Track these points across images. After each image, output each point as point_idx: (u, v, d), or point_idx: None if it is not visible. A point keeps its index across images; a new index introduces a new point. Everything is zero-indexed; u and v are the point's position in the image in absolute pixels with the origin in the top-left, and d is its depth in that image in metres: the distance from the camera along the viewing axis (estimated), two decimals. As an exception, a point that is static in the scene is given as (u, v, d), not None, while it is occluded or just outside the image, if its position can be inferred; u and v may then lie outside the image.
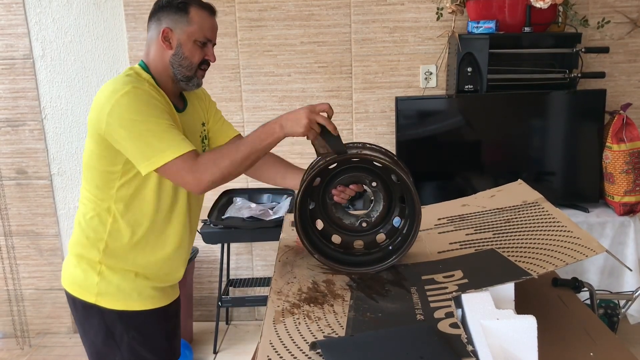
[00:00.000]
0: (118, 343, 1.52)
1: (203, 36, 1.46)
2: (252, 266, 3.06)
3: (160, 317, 1.58)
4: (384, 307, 1.24)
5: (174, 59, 1.46)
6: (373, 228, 1.49)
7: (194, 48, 1.46)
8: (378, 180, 1.46)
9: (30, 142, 2.92)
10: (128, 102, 1.34)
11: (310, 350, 1.08)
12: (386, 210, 1.49)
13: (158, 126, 1.35)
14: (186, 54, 1.46)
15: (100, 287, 1.48)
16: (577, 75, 2.56)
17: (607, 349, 1.16)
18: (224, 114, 2.83)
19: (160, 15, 1.46)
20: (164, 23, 1.45)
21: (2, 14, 2.79)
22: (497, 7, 2.52)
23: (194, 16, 1.45)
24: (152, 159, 1.34)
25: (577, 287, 1.47)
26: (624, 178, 2.53)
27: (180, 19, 1.44)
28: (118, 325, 1.51)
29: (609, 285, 2.54)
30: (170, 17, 1.45)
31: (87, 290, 1.49)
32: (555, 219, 1.45)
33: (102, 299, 1.49)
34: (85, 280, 1.50)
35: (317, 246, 1.45)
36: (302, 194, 1.37)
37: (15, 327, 3.10)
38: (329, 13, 2.75)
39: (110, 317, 1.50)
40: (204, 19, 1.46)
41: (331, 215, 1.48)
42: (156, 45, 1.47)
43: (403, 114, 2.64)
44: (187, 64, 1.47)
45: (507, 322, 1.06)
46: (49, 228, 3.01)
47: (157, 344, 1.57)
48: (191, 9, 1.45)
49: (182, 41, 1.45)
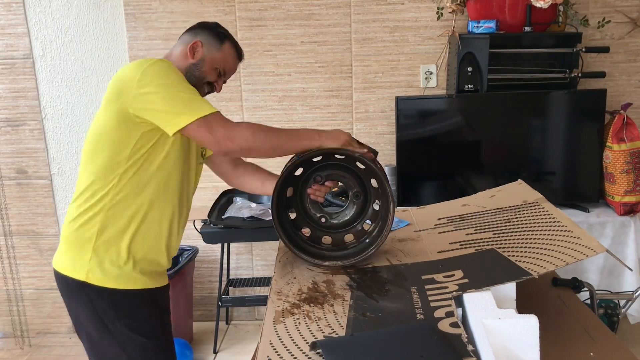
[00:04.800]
0: (112, 332, 1.52)
1: (222, 67, 1.59)
2: (252, 266, 3.06)
3: (148, 299, 1.58)
4: (384, 306, 1.24)
5: (192, 67, 1.56)
6: (343, 227, 1.51)
7: (211, 71, 1.58)
8: (357, 181, 1.47)
9: (30, 141, 2.92)
10: (159, 68, 1.42)
11: (310, 350, 1.08)
12: (359, 212, 1.50)
13: (187, 90, 1.42)
14: (204, 69, 1.56)
15: (92, 263, 1.49)
16: (578, 75, 2.56)
17: (607, 349, 1.16)
18: (224, 113, 2.84)
19: (199, 31, 1.58)
20: (199, 37, 1.57)
21: (2, 14, 2.79)
22: (498, 6, 2.52)
23: (225, 48, 1.59)
24: (182, 116, 1.38)
25: (577, 287, 1.47)
26: (624, 178, 2.53)
27: (214, 43, 1.57)
28: (110, 313, 1.51)
29: (609, 285, 2.54)
30: (207, 38, 1.57)
31: (79, 267, 1.50)
32: (556, 219, 1.45)
33: (92, 276, 1.49)
34: (76, 258, 1.50)
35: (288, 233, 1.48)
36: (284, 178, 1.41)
37: (14, 327, 3.10)
38: (329, 12, 2.75)
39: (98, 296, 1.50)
40: (232, 56, 1.61)
41: (305, 207, 1.51)
42: (182, 50, 1.57)
43: (403, 113, 2.64)
44: (200, 76, 1.56)
45: (508, 322, 1.06)
46: (49, 228, 3.01)
47: (149, 327, 1.58)
48: (226, 42, 1.59)
49: (206, 60, 1.56)
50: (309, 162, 1.46)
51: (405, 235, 1.63)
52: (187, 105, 1.39)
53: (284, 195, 1.49)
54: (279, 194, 1.44)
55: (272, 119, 2.85)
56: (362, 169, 1.45)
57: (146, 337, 1.56)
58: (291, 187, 1.50)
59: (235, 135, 1.40)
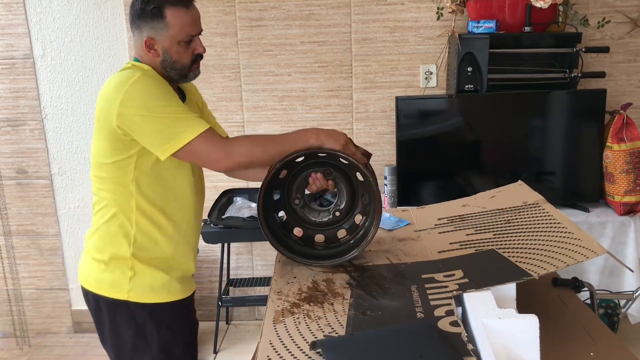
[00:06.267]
0: (149, 342, 1.53)
1: (186, 35, 1.44)
2: (252, 266, 3.06)
3: (185, 310, 1.62)
4: (384, 305, 1.24)
5: (164, 64, 1.46)
6: (335, 223, 1.51)
7: (180, 49, 1.44)
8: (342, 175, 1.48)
9: (30, 141, 2.92)
10: (140, 88, 1.35)
11: (310, 349, 1.08)
12: (349, 206, 1.50)
13: (173, 109, 1.36)
14: (175, 58, 1.45)
15: (133, 282, 1.49)
16: (578, 75, 2.56)
17: (607, 349, 1.16)
18: (224, 113, 2.86)
19: (139, 24, 1.44)
20: (145, 32, 1.43)
21: (3, 14, 2.79)
22: (498, 6, 2.52)
23: (171, 19, 1.41)
24: (172, 141, 1.35)
25: (577, 287, 1.47)
26: (624, 178, 2.53)
27: (158, 25, 1.42)
28: (149, 323, 1.52)
29: (609, 285, 2.54)
30: (148, 25, 1.42)
31: (120, 287, 1.49)
32: (556, 220, 1.45)
33: (134, 295, 1.49)
34: (117, 279, 1.49)
35: (277, 237, 1.47)
36: (267, 184, 1.40)
37: (14, 327, 3.10)
38: (329, 13, 2.75)
39: (141, 315, 1.51)
40: (182, 18, 1.42)
41: (294, 208, 1.50)
42: (145, 51, 1.46)
43: (403, 113, 2.64)
44: (179, 66, 1.46)
45: (509, 322, 1.06)
46: (49, 228, 3.01)
47: (186, 338, 1.61)
48: (166, 11, 1.41)
49: (167, 47, 1.43)
50: (291, 164, 1.45)
51: (405, 235, 1.63)
52: (175, 129, 1.34)
53: (271, 198, 1.49)
54: (264, 200, 1.43)
55: (272, 119, 2.85)
56: (345, 164, 1.45)
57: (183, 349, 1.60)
58: (278, 189, 1.49)
59: (231, 153, 1.37)
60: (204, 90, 2.83)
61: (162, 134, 1.35)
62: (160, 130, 1.35)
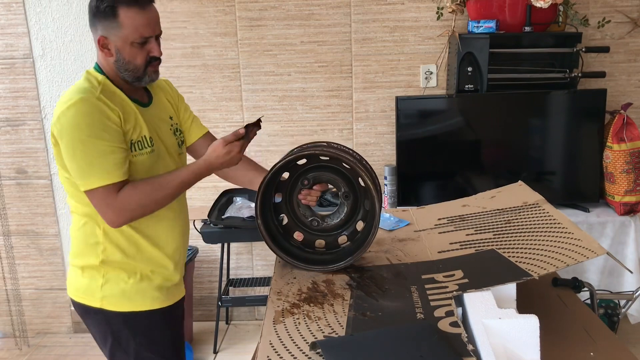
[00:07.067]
0: (125, 349, 1.51)
1: (139, 36, 1.39)
2: (252, 266, 3.06)
3: (165, 319, 1.57)
4: (384, 305, 1.23)
5: (118, 64, 1.42)
6: (336, 229, 1.49)
7: (134, 50, 1.40)
8: (345, 181, 1.46)
9: (30, 141, 2.92)
10: (72, 115, 1.33)
11: (310, 350, 1.08)
12: (351, 212, 1.48)
13: (93, 148, 1.34)
14: (127, 59, 1.41)
15: (105, 290, 1.48)
16: (578, 75, 2.55)
17: (607, 349, 1.16)
18: (224, 113, 2.86)
19: (94, 22, 1.40)
20: (99, 30, 1.39)
21: (2, 14, 2.79)
22: (498, 6, 2.52)
23: (124, 19, 1.36)
24: (80, 181, 1.37)
25: (577, 287, 1.47)
26: (625, 178, 2.53)
27: (112, 25, 1.37)
28: (124, 330, 1.50)
29: (609, 285, 2.54)
30: (102, 24, 1.38)
31: (92, 295, 1.49)
32: (556, 221, 1.45)
33: (107, 302, 1.48)
34: (89, 286, 1.49)
35: (277, 239, 1.46)
36: (265, 186, 1.39)
37: (14, 327, 3.10)
38: (329, 12, 2.74)
39: (116, 322, 1.49)
40: (135, 18, 1.37)
41: (296, 211, 1.49)
42: (98, 52, 1.43)
43: (403, 113, 2.64)
44: (132, 67, 1.42)
45: (509, 322, 1.06)
46: (49, 228, 3.01)
47: (163, 347, 1.56)
48: (120, 11, 1.36)
49: (119, 47, 1.39)
50: (294, 166, 1.44)
51: (405, 235, 1.63)
52: (86, 171, 1.34)
53: (271, 201, 1.47)
54: (262, 201, 1.42)
55: (272, 118, 2.85)
56: (348, 169, 1.44)
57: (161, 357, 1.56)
58: (279, 192, 1.48)
59: (118, 214, 1.37)
60: (204, 90, 2.83)
61: (78, 169, 1.36)
62: (78, 166, 1.35)
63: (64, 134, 1.34)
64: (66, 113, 1.33)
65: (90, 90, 1.38)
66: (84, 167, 1.34)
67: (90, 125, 1.34)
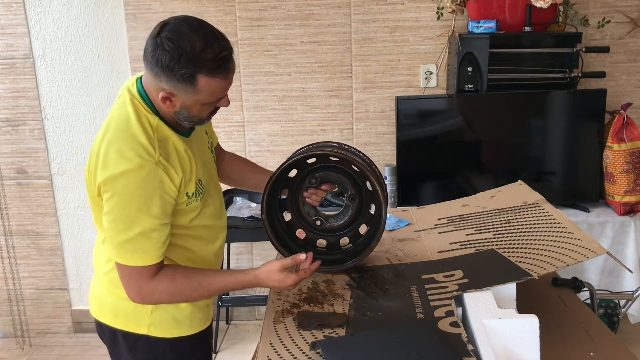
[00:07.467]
0: None
1: (215, 99, 1.26)
2: (252, 266, 3.06)
3: (205, 340, 1.53)
4: (384, 305, 1.24)
5: (179, 115, 1.27)
6: (339, 231, 1.49)
7: (204, 108, 1.27)
8: (352, 183, 1.46)
9: (30, 141, 2.92)
10: (126, 183, 1.20)
11: (310, 350, 1.08)
12: (355, 215, 1.48)
13: (138, 224, 1.22)
14: (194, 113, 1.27)
15: (155, 316, 1.39)
16: (578, 75, 2.55)
17: (607, 349, 1.16)
18: (225, 113, 2.86)
19: (159, 74, 1.20)
20: (164, 84, 1.21)
21: (2, 14, 2.79)
22: (498, 6, 2.52)
23: (202, 86, 1.20)
24: (114, 250, 1.27)
25: (577, 287, 1.47)
26: (625, 178, 2.53)
27: (186, 88, 1.21)
28: (168, 355, 1.43)
29: (609, 285, 2.54)
30: (172, 83, 1.20)
31: (138, 321, 1.40)
32: (556, 220, 1.45)
33: (154, 329, 1.40)
34: (135, 312, 1.39)
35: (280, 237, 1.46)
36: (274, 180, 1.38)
37: (15, 327, 3.10)
38: (329, 12, 2.74)
39: (161, 348, 1.42)
40: (215, 86, 1.22)
41: (300, 209, 1.49)
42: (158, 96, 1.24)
43: (403, 113, 2.64)
44: (197, 120, 1.30)
45: (509, 322, 1.06)
46: (49, 228, 3.01)
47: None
48: (199, 79, 1.19)
49: (188, 105, 1.24)
50: (303, 164, 1.44)
51: (405, 235, 1.63)
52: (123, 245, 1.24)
53: (277, 197, 1.47)
54: (269, 197, 1.41)
55: (272, 119, 2.85)
56: (357, 171, 1.44)
57: None
58: (286, 188, 1.48)
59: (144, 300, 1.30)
60: (204, 90, 2.83)
61: (115, 239, 1.25)
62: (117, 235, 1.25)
63: (113, 198, 1.22)
64: (119, 179, 1.20)
65: (148, 149, 1.22)
66: (122, 241, 1.24)
67: (142, 197, 1.21)
